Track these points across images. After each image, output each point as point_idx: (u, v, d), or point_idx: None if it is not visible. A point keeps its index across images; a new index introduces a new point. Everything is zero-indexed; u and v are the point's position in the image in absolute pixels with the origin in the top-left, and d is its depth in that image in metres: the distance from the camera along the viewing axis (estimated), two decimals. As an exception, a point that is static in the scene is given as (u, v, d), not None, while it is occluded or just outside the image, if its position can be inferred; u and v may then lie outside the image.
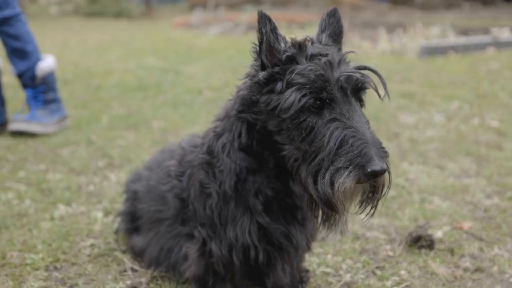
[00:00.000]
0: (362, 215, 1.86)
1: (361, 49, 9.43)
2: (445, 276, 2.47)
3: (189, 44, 10.93)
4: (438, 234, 2.89)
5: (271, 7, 18.05)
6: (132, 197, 2.55)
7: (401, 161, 4.01)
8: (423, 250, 2.71)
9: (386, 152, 1.76)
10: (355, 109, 1.80)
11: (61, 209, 3.06)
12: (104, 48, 10.16)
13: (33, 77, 4.61)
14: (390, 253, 2.69)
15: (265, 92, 1.86)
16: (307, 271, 2.44)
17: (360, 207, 1.85)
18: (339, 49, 1.98)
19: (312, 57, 1.85)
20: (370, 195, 1.82)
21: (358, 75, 1.81)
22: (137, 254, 2.49)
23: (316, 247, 2.73)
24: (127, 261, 2.50)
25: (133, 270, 2.45)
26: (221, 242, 2.05)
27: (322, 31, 2.02)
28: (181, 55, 9.40)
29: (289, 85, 1.81)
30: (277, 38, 1.86)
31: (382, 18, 15.30)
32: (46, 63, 4.65)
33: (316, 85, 1.77)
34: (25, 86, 4.69)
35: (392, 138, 4.58)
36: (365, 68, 1.88)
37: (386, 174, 1.77)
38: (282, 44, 1.87)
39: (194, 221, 2.15)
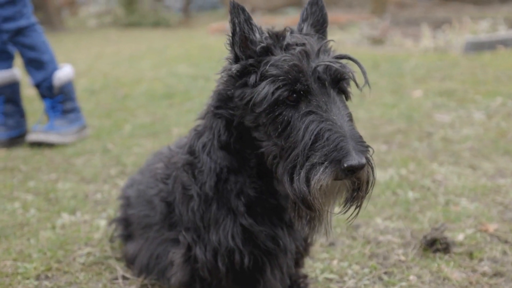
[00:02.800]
0: (348, 215, 1.70)
1: (403, 47, 9.16)
2: (459, 281, 2.26)
3: (223, 50, 10.85)
4: (459, 237, 2.68)
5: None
6: (126, 203, 2.46)
7: (430, 162, 3.78)
8: (438, 254, 2.51)
9: (366, 146, 1.61)
10: (334, 101, 1.66)
11: (65, 218, 3.00)
12: (137, 58, 10.22)
13: (50, 87, 4.60)
14: (402, 258, 2.50)
15: (238, 86, 1.75)
16: (305, 276, 2.28)
17: (344, 206, 1.70)
18: (320, 38, 1.83)
19: (287, 47, 1.72)
20: (354, 193, 1.67)
21: (336, 65, 1.67)
22: (130, 261, 2.39)
23: (321, 252, 2.57)
24: (120, 269, 2.40)
25: (124, 278, 2.35)
26: (205, 246, 1.93)
27: (303, 20, 1.88)
28: (213, 61, 9.34)
29: (263, 77, 1.69)
30: (251, 29, 1.75)
31: (429, 15, 14.86)
32: (63, 73, 4.64)
33: (290, 76, 1.64)
34: (43, 96, 4.69)
35: (424, 138, 4.35)
36: (343, 57, 1.73)
37: (369, 169, 1.62)
38: (257, 35, 1.76)
39: (180, 225, 2.03)
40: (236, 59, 1.76)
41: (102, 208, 3.13)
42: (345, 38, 10.23)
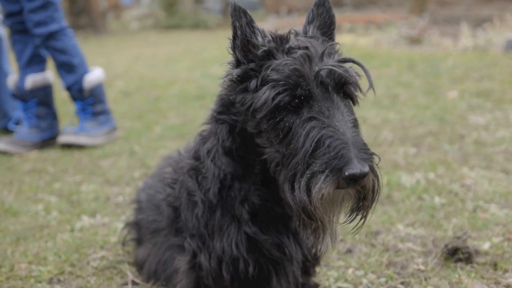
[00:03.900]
0: (353, 224, 1.64)
1: (440, 46, 8.92)
2: (478, 294, 2.16)
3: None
4: (484, 245, 2.56)
5: (352, 9, 17.73)
6: (138, 207, 2.45)
7: (460, 166, 3.65)
8: (459, 264, 2.40)
9: (370, 153, 1.54)
10: (337, 107, 1.60)
11: (84, 220, 3.01)
12: (173, 59, 10.30)
13: (80, 89, 4.67)
14: (421, 267, 2.40)
15: (239, 91, 1.71)
16: (317, 285, 2.21)
17: (349, 216, 1.63)
18: (325, 41, 1.76)
19: (289, 51, 1.66)
20: (360, 203, 1.60)
21: (339, 69, 1.60)
22: (139, 266, 2.37)
23: (337, 260, 2.50)
24: (130, 274, 2.38)
25: (134, 283, 2.33)
26: (210, 254, 1.90)
27: (309, 22, 1.83)
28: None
29: (264, 82, 1.64)
30: (253, 32, 1.71)
31: (470, 13, 14.45)
32: (94, 76, 4.70)
33: (290, 81, 1.59)
34: (74, 99, 4.76)
35: (455, 140, 4.20)
36: (347, 60, 1.66)
37: (374, 178, 1.55)
38: (260, 39, 1.71)
39: (186, 231, 2.00)
40: (238, 63, 1.72)
41: (121, 211, 3.14)
42: (382, 38, 10.05)
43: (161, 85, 7.53)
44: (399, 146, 4.12)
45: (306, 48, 1.65)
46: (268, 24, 14.84)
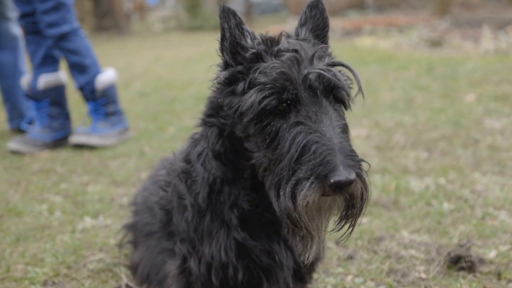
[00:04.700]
0: (342, 232, 1.58)
1: (461, 49, 8.76)
2: (479, 305, 2.08)
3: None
4: (490, 254, 2.48)
5: (376, 11, 17.58)
6: (135, 209, 2.43)
7: (472, 171, 3.55)
8: (461, 273, 2.32)
9: (357, 160, 1.48)
10: (325, 111, 1.55)
11: (86, 221, 3.01)
12: (192, 60, 10.31)
13: (93, 90, 4.68)
14: (422, 275, 2.33)
15: (226, 94, 1.67)
16: (311, 293, 2.16)
17: (337, 224, 1.58)
18: (315, 44, 1.71)
19: (278, 53, 1.62)
20: (349, 211, 1.55)
21: (328, 74, 1.55)
22: (133, 270, 2.35)
23: (337, 266, 2.44)
24: (124, 278, 2.36)
25: (127, 287, 2.31)
26: (199, 259, 1.86)
27: (302, 24, 1.78)
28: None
29: (251, 85, 1.60)
30: (243, 34, 1.68)
31: (494, 16, 14.18)
32: (106, 76, 4.71)
33: (277, 84, 1.54)
34: (86, 99, 4.78)
35: (469, 145, 4.10)
36: (337, 64, 1.61)
37: (362, 185, 1.49)
38: (249, 41, 1.68)
39: (178, 235, 1.97)
40: (226, 66, 1.69)
41: (124, 212, 3.11)
42: (402, 41, 9.91)
43: (178, 86, 7.54)
44: (410, 150, 4.03)
45: (295, 51, 1.60)
46: (289, 26, 14.78)
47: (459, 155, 3.88)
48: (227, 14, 1.65)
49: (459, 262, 2.36)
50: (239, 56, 1.67)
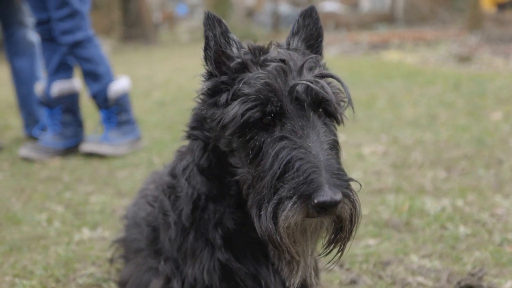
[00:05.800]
0: (330, 257, 1.44)
1: (491, 65, 8.51)
2: None
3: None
4: (506, 285, 2.30)
5: (405, 25, 17.37)
6: (126, 223, 2.32)
7: (493, 193, 3.35)
8: (472, 305, 2.14)
9: (345, 179, 1.34)
10: (313, 126, 1.42)
11: (84, 233, 2.91)
12: (216, 72, 10.26)
13: (105, 98, 4.62)
14: (429, 305, 2.16)
15: (209, 105, 1.56)
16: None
17: (325, 248, 1.44)
18: (305, 54, 1.58)
19: (264, 63, 1.50)
20: (338, 234, 1.41)
21: (315, 85, 1.42)
22: (122, 286, 2.23)
23: (337, 292, 2.29)
24: (112, 295, 2.25)
25: (113, 305, 2.19)
26: (182, 281, 1.74)
27: (294, 34, 1.66)
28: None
29: (235, 96, 1.49)
30: (228, 43, 1.58)
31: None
32: (119, 85, 4.64)
33: (261, 96, 1.42)
34: (99, 107, 4.72)
35: (492, 165, 3.90)
36: (326, 75, 1.48)
37: (350, 207, 1.35)
38: (235, 50, 1.57)
39: (163, 253, 1.86)
40: (210, 76, 1.58)
41: (121, 225, 3.01)
42: (430, 56, 9.70)
43: (197, 96, 7.45)
44: (428, 169, 3.85)
45: (283, 60, 1.48)
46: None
47: (481, 175, 3.68)
48: (212, 21, 1.55)
49: (469, 293, 2.18)
50: (224, 66, 1.56)
